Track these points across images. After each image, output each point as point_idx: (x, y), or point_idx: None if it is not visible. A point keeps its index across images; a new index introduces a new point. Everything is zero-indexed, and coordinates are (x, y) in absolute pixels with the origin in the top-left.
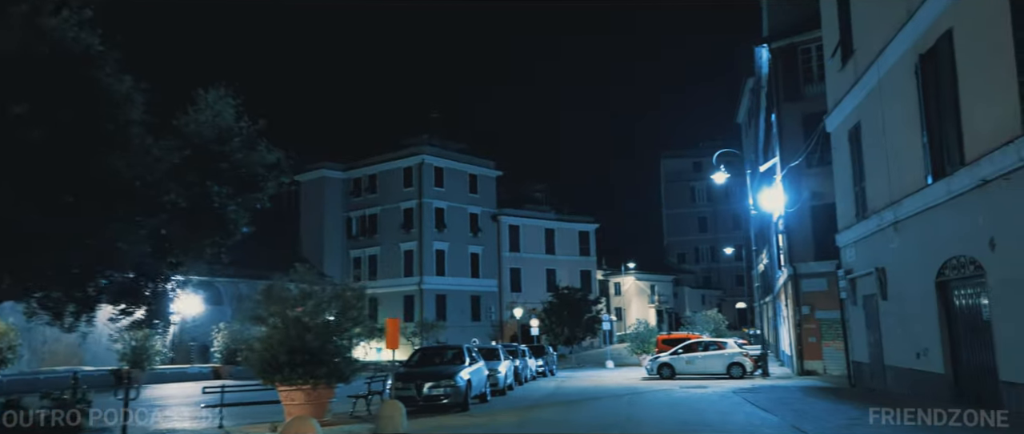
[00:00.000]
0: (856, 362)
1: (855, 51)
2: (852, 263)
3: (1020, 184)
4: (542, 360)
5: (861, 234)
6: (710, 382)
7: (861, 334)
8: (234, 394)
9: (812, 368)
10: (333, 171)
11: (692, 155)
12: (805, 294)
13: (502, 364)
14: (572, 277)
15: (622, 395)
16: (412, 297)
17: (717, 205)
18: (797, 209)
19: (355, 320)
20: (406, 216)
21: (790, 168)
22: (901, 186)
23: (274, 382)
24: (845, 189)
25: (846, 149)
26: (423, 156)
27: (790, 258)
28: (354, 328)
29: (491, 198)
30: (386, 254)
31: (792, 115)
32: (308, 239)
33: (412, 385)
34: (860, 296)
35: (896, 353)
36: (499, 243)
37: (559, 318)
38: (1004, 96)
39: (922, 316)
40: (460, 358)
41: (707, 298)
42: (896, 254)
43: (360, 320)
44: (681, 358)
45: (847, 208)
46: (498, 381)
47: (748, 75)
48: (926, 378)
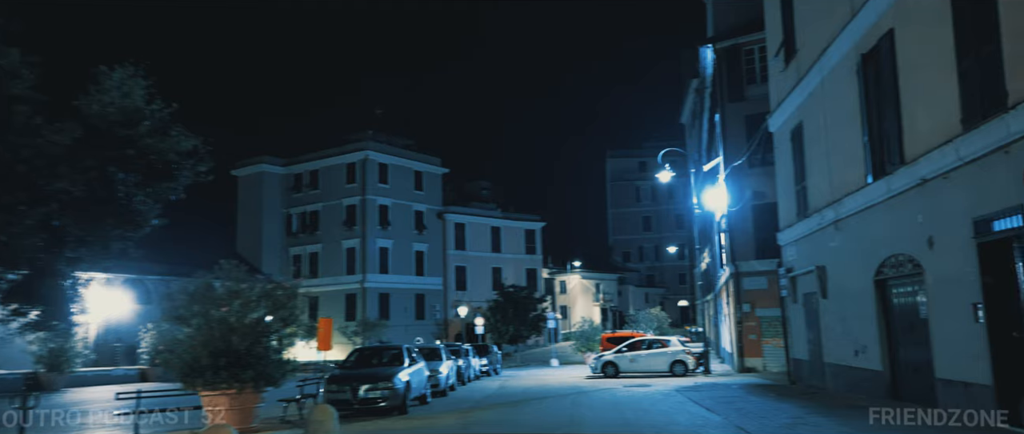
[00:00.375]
0: (796, 359)
1: (798, 51)
2: (793, 261)
3: (958, 183)
4: (486, 359)
5: (802, 233)
6: (653, 380)
7: (801, 332)
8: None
9: (752, 365)
10: (273, 166)
11: (637, 155)
12: (746, 292)
13: (444, 364)
14: (518, 275)
15: (566, 395)
16: (354, 296)
17: (661, 205)
18: (739, 208)
19: (287, 320)
20: (349, 213)
21: (733, 168)
22: (842, 185)
23: (196, 387)
24: (787, 188)
25: (788, 149)
26: (367, 152)
27: (732, 257)
28: (285, 328)
29: (437, 195)
30: (328, 252)
31: (735, 115)
32: (246, 236)
33: (347, 388)
34: (800, 294)
35: (835, 351)
36: (445, 241)
37: (504, 316)
38: (944, 96)
39: (861, 314)
40: (399, 359)
41: (651, 296)
42: (836, 252)
43: (292, 319)
44: (625, 356)
45: (789, 207)
46: (439, 382)
47: (692, 76)
48: (864, 375)
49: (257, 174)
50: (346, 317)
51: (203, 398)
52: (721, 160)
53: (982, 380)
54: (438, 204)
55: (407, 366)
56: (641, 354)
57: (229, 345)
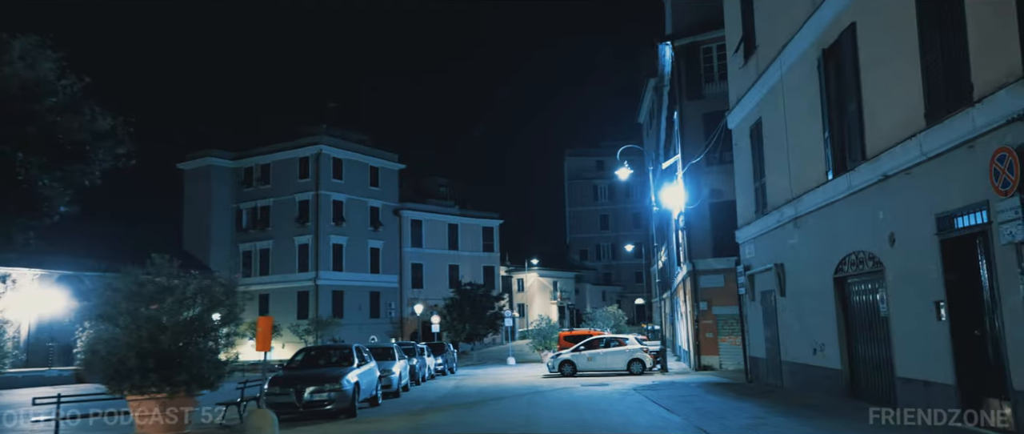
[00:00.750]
0: (753, 358)
1: (758, 47)
2: (751, 259)
3: (921, 179)
4: (442, 358)
5: (761, 230)
6: (611, 379)
7: (759, 330)
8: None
9: (709, 363)
10: (221, 159)
11: (595, 154)
12: (703, 290)
13: (397, 364)
14: (475, 273)
15: (523, 394)
16: (307, 293)
17: (618, 203)
18: (697, 206)
19: (226, 318)
20: (302, 209)
21: (691, 166)
22: (802, 182)
23: (122, 391)
24: (745, 185)
25: (747, 146)
26: (321, 146)
27: (689, 255)
28: (223, 327)
29: (393, 192)
30: (279, 248)
31: (693, 113)
32: (193, 232)
33: (291, 390)
34: (758, 292)
35: (793, 349)
36: (401, 238)
37: (461, 315)
38: (907, 91)
39: (820, 312)
40: (348, 359)
41: (607, 294)
42: (795, 250)
43: (231, 318)
44: (583, 355)
45: (747, 204)
46: (392, 382)
47: (650, 75)
48: (823, 374)
49: (204, 167)
50: (298, 315)
51: (131, 403)
52: (679, 158)
53: (944, 379)
54: (394, 201)
55: (356, 366)
56: (599, 353)
57: (158, 345)
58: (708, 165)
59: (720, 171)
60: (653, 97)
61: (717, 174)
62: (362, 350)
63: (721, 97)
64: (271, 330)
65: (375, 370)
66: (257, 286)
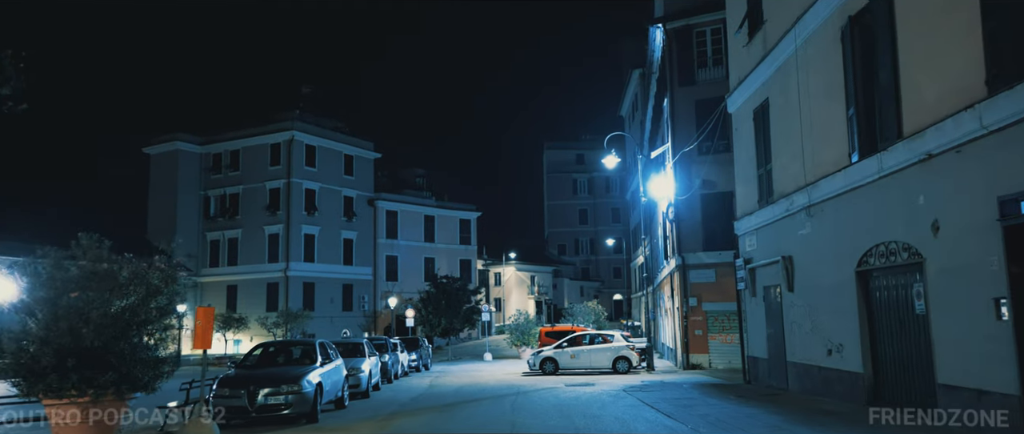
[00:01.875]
0: (752, 358)
1: (765, 22)
2: (752, 252)
3: (977, 157)
4: (416, 354)
5: (765, 220)
6: (596, 378)
7: (760, 328)
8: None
9: (698, 362)
10: (188, 144)
11: (575, 147)
12: (693, 285)
13: (366, 361)
14: (451, 266)
15: (504, 395)
16: (276, 285)
17: (598, 198)
18: (688, 198)
19: (166, 310)
20: (272, 197)
21: (682, 155)
22: (818, 166)
23: (36, 394)
24: (747, 173)
25: (750, 130)
26: (293, 132)
27: (678, 248)
28: (163, 319)
29: (368, 181)
30: (248, 238)
31: (685, 100)
32: (158, 220)
33: (243, 392)
34: (760, 287)
35: (802, 349)
36: (375, 229)
37: (437, 309)
38: (961, 56)
39: (837, 309)
40: (310, 356)
41: (586, 290)
42: (807, 241)
43: (170, 310)
44: (565, 352)
45: (749, 193)
46: (360, 381)
47: (636, 66)
48: (839, 377)
49: (171, 152)
50: (268, 308)
51: (47, 407)
52: (669, 147)
53: (1004, 388)
54: (369, 190)
55: (319, 364)
56: (583, 350)
57: (79, 341)
58: (700, 154)
59: (713, 161)
60: (638, 88)
61: (709, 164)
62: (327, 346)
63: (715, 83)
64: (212, 323)
65: (341, 368)
66: (225, 277)
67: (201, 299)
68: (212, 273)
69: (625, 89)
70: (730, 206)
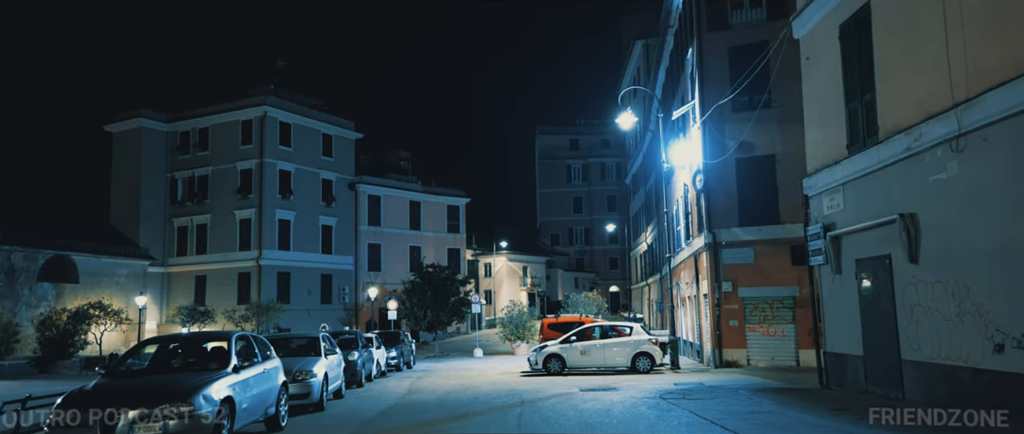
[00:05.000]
0: (835, 354)
1: None
2: (835, 215)
3: None
4: (395, 350)
5: (862, 169)
6: (615, 379)
7: (848, 315)
8: None
9: (733, 359)
10: (154, 121)
11: (569, 132)
12: (726, 267)
13: (320, 363)
14: (439, 255)
15: (503, 407)
16: (248, 275)
17: (593, 185)
18: (720, 163)
19: None
20: (244, 178)
21: (714, 111)
22: (980, 74)
23: None
24: (826, 112)
25: (834, 53)
26: (267, 107)
27: (709, 223)
28: None
29: (349, 163)
30: (218, 223)
31: (716, 48)
32: (121, 204)
33: (99, 418)
34: (849, 261)
35: (935, 343)
36: (357, 215)
37: (422, 300)
38: None
39: (1014, 285)
40: (222, 357)
41: (581, 281)
42: (949, 189)
43: None
44: (574, 348)
45: (830, 138)
46: (311, 390)
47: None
48: (1019, 385)
49: (135, 130)
50: (239, 299)
51: None
52: (696, 104)
53: None
54: (350, 173)
55: (234, 369)
56: (594, 345)
57: None
58: (734, 112)
59: (751, 119)
60: (641, 62)
61: (747, 122)
62: (254, 342)
63: (753, 27)
64: None
65: (276, 373)
66: (193, 266)
67: (168, 291)
68: (179, 262)
69: (625, 67)
70: (772, 172)
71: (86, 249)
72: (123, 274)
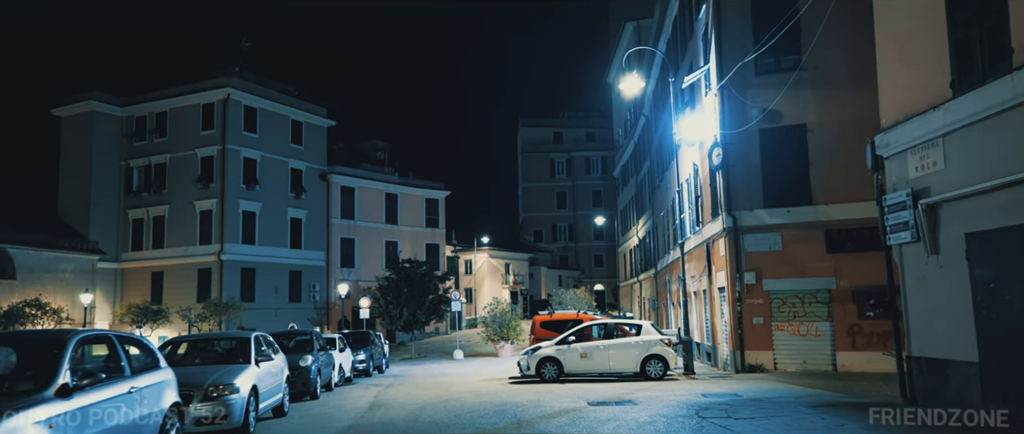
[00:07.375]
0: (927, 360)
1: None
2: (930, 177)
3: None
4: (364, 353)
5: (980, 111)
6: (623, 387)
7: (951, 309)
8: None
9: (758, 362)
10: (107, 105)
11: (552, 124)
12: (749, 255)
13: (245, 373)
14: (417, 251)
15: (495, 431)
16: (209, 271)
17: (577, 179)
18: (741, 134)
19: None
20: (205, 167)
21: (737, 71)
22: None
23: None
24: (915, 47)
25: None
26: (230, 89)
27: (727, 204)
28: None
29: (320, 152)
30: (177, 215)
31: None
32: (71, 195)
33: None
34: (955, 237)
35: None
36: (328, 207)
37: (398, 298)
38: None
39: None
40: (52, 362)
41: (565, 279)
42: None
43: None
44: (573, 349)
45: (922, 78)
46: (231, 410)
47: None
48: None
49: (85, 114)
50: (199, 297)
51: None
52: (712, 67)
53: None
54: (322, 163)
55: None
56: (598, 346)
57: None
58: (757, 75)
59: (778, 83)
60: (633, 41)
61: (773, 88)
62: (120, 344)
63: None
64: None
65: (161, 389)
66: (149, 262)
67: (121, 287)
68: (135, 257)
69: (614, 49)
70: (803, 144)
71: (26, 241)
72: (68, 270)
